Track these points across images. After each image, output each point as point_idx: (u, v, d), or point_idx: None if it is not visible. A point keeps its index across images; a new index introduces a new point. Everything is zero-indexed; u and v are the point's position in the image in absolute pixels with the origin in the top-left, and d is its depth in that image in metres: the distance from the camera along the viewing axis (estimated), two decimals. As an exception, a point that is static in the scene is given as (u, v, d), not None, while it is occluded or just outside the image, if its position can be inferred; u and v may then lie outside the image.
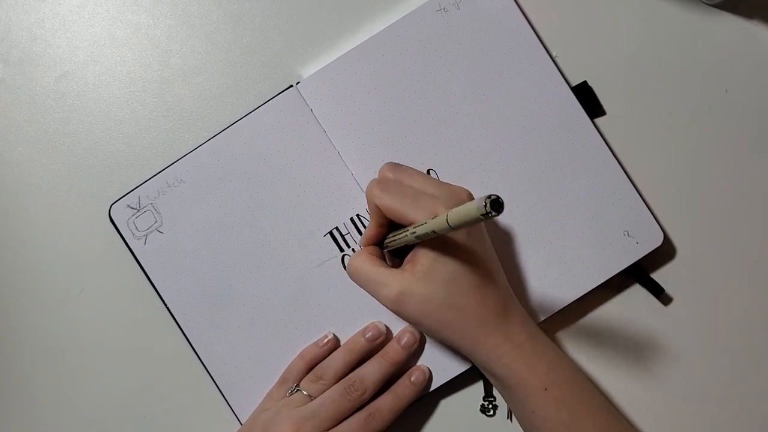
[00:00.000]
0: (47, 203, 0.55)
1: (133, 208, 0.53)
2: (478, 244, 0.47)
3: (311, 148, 0.53)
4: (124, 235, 0.53)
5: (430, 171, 0.53)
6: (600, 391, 0.49)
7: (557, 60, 0.54)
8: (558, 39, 0.55)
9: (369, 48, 0.53)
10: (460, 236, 0.46)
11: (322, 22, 0.55)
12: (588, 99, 0.54)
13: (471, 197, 0.48)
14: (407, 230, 0.45)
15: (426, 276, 0.45)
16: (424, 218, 0.43)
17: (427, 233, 0.42)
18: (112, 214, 0.53)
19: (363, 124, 0.53)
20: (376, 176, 0.50)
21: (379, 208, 0.47)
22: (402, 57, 0.53)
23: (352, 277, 0.49)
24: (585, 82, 0.54)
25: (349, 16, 0.55)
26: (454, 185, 0.48)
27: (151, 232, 0.53)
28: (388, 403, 0.51)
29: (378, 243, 0.50)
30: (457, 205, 0.39)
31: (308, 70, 0.54)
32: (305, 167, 0.53)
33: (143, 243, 0.53)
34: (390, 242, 0.48)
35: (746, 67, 0.55)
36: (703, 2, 0.55)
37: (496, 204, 0.35)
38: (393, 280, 0.46)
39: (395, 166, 0.49)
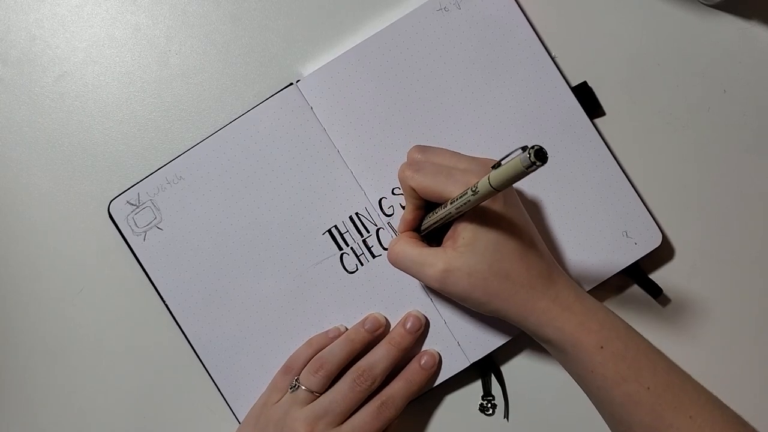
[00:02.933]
0: (46, 202, 0.55)
1: (132, 205, 0.53)
2: (516, 212, 0.47)
3: (311, 146, 0.53)
4: (123, 232, 0.53)
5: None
6: (652, 344, 0.48)
7: (557, 60, 0.54)
8: (558, 39, 0.55)
9: (369, 47, 0.53)
10: (497, 206, 0.45)
11: (323, 21, 0.55)
12: (588, 99, 0.54)
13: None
14: (446, 206, 0.45)
15: (469, 248, 0.45)
16: (461, 191, 0.43)
17: (468, 202, 0.42)
18: (111, 211, 0.53)
19: (363, 122, 0.53)
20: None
21: (414, 190, 0.47)
22: (402, 56, 0.53)
23: (395, 262, 0.48)
24: (585, 83, 0.55)
25: (350, 14, 0.55)
26: (482, 157, 0.48)
27: (150, 228, 0.53)
28: (400, 389, 0.51)
29: (416, 228, 0.50)
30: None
31: (308, 69, 0.54)
32: (305, 165, 0.53)
33: (142, 239, 0.53)
34: (428, 223, 0.48)
35: (745, 67, 0.55)
36: (701, 3, 0.56)
37: (540, 154, 0.34)
38: (436, 258, 0.46)
39: (423, 147, 0.49)
